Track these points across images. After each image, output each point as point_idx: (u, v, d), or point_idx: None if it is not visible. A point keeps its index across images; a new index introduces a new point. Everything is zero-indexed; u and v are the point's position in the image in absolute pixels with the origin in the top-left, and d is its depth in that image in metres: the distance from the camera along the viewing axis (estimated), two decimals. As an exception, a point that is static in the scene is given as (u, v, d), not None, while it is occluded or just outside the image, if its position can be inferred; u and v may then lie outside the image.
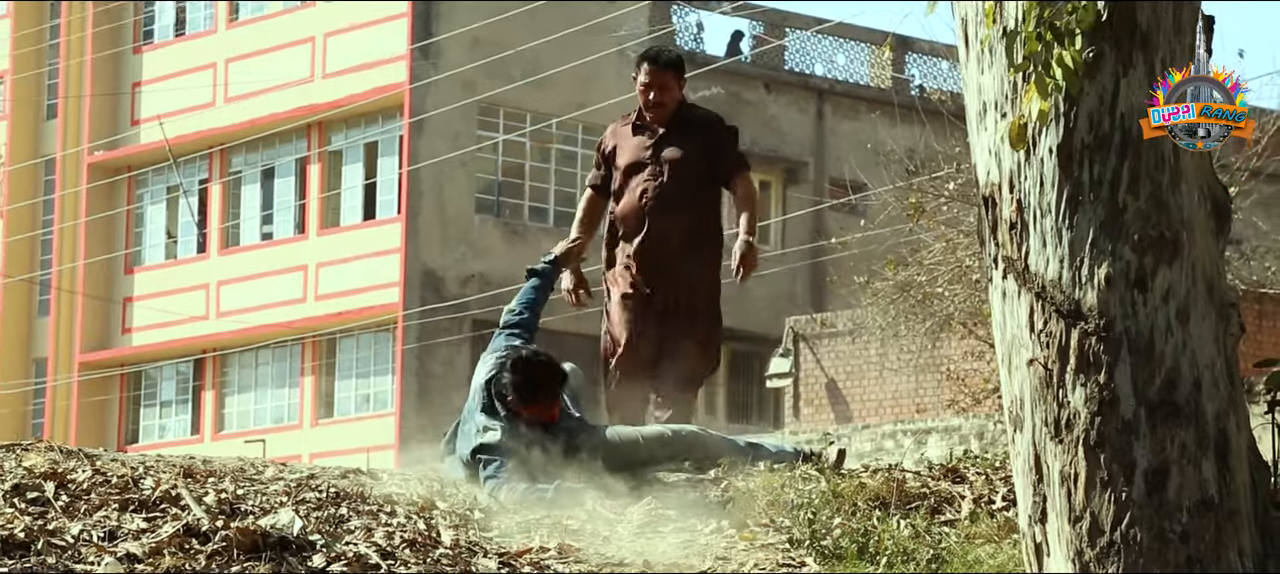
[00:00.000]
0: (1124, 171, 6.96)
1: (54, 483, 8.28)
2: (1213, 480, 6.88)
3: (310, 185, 42.03)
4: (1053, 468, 6.92)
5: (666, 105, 10.88)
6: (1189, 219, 7.01)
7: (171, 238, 44.05)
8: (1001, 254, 7.06)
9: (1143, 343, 6.87)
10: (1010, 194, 7.06)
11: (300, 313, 41.38)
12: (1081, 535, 6.90)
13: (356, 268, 40.60)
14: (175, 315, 42.74)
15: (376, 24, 40.80)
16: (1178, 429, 6.86)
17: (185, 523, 7.93)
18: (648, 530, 8.49)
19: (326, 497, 8.50)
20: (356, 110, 41.03)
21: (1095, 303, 6.88)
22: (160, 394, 43.95)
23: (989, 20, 7.05)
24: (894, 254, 28.67)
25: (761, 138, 42.75)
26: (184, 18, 44.16)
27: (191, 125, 42.47)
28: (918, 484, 8.89)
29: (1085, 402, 6.87)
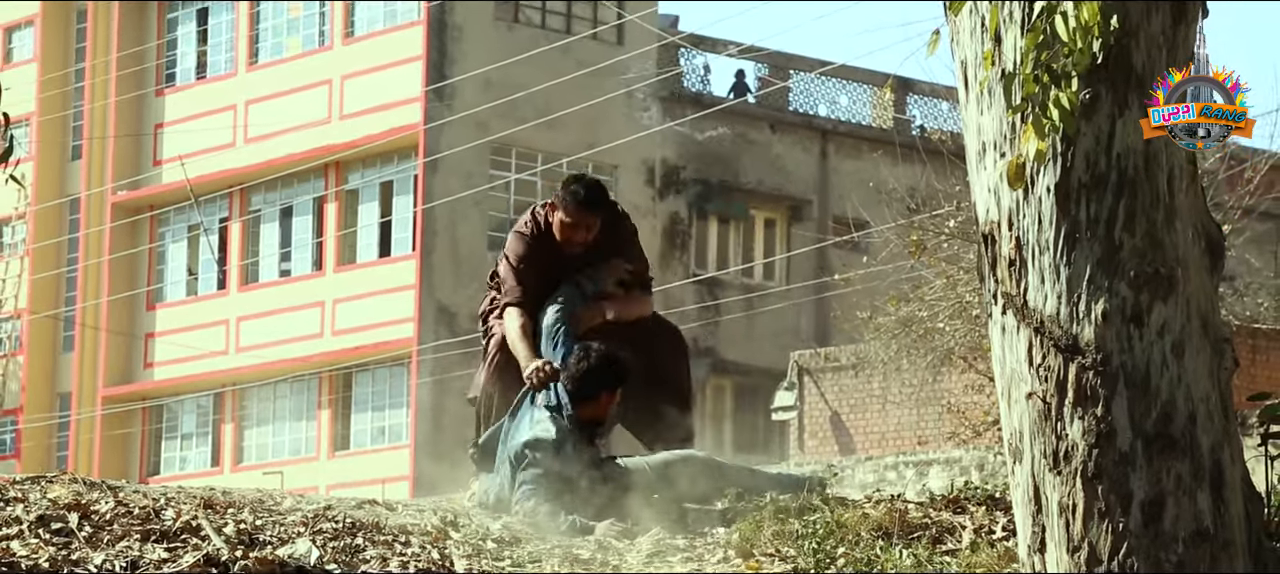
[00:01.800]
0: (1120, 210, 6.95)
1: (78, 514, 8.27)
2: (1208, 512, 6.87)
3: (327, 223, 42.07)
4: (1051, 499, 6.92)
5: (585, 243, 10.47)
6: (1184, 256, 7.00)
7: (192, 275, 44.08)
8: (1001, 290, 7.06)
9: (1139, 377, 6.87)
10: (1009, 232, 7.06)
11: (317, 348, 41.39)
12: (1080, 565, 6.89)
13: (372, 304, 40.62)
14: (196, 350, 42.75)
15: (392, 66, 40.87)
16: (1173, 461, 6.85)
17: (206, 553, 7.93)
18: (656, 560, 8.48)
19: (343, 527, 8.49)
20: (372, 150, 41.07)
21: (1093, 338, 6.88)
22: (181, 427, 43.96)
23: (987, 63, 7.06)
24: (896, 290, 28.68)
25: (767, 177, 42.81)
26: (205, 61, 44.23)
27: (212, 165, 42.54)
28: (920, 515, 8.88)
29: (1083, 434, 6.86)
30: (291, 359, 41.45)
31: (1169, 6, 7.09)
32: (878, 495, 9.41)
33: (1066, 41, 6.76)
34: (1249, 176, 28.70)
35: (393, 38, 41.20)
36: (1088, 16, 6.73)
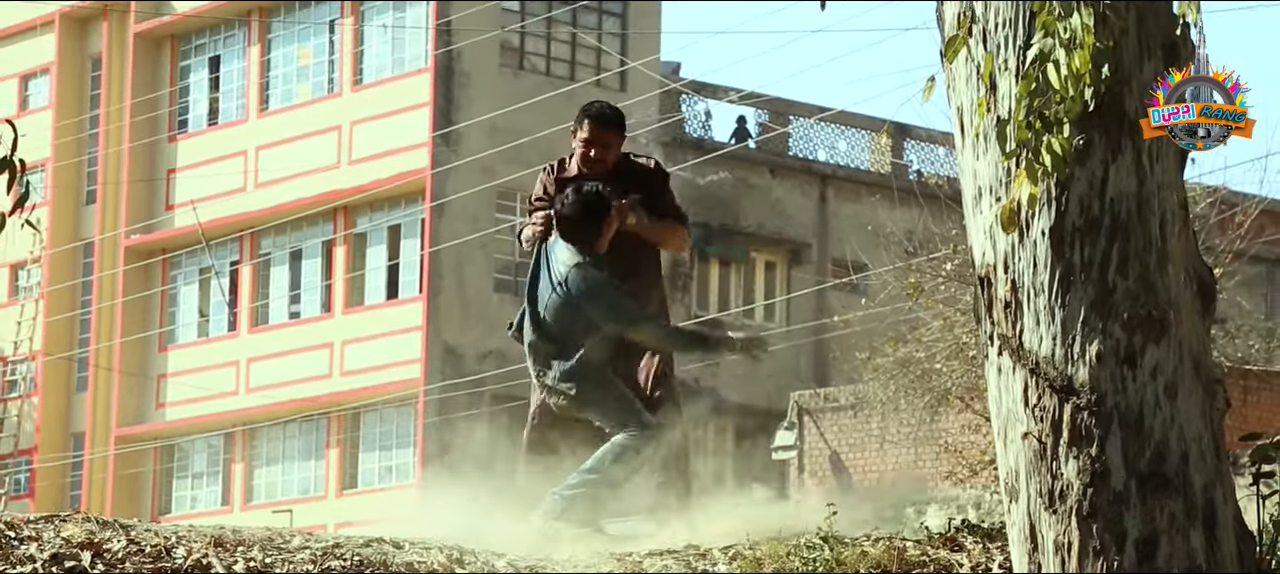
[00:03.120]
0: (1113, 253, 6.96)
1: (91, 552, 8.27)
2: (1201, 550, 6.86)
3: (336, 266, 42.10)
4: (1047, 537, 6.91)
5: (605, 162, 10.83)
6: (1176, 299, 7.00)
7: (204, 317, 44.11)
8: (997, 332, 7.06)
9: (1133, 417, 6.87)
10: (1005, 274, 7.06)
11: (326, 388, 41.40)
12: (1075, 602, 6.88)
13: (380, 345, 40.63)
14: (207, 391, 42.76)
15: (400, 113, 40.94)
16: (1167, 500, 6.85)
17: (215, 590, 7.92)
18: (658, 597, 8.47)
19: (350, 565, 8.49)
20: (380, 195, 41.11)
21: (1087, 379, 6.88)
22: (192, 466, 43.94)
23: (982, 109, 7.06)
24: (894, 331, 28.69)
25: (767, 221, 42.83)
26: (217, 107, 44.31)
27: (223, 210, 42.58)
28: (917, 552, 8.87)
29: (1078, 473, 6.86)
30: (301, 399, 41.43)
31: (1161, 54, 7.10)
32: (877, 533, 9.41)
33: (1059, 88, 6.76)
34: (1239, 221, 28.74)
35: (401, 85, 41.27)
36: (1080, 64, 6.74)
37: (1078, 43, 6.73)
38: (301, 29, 43.01)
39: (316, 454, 41.96)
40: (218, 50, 44.34)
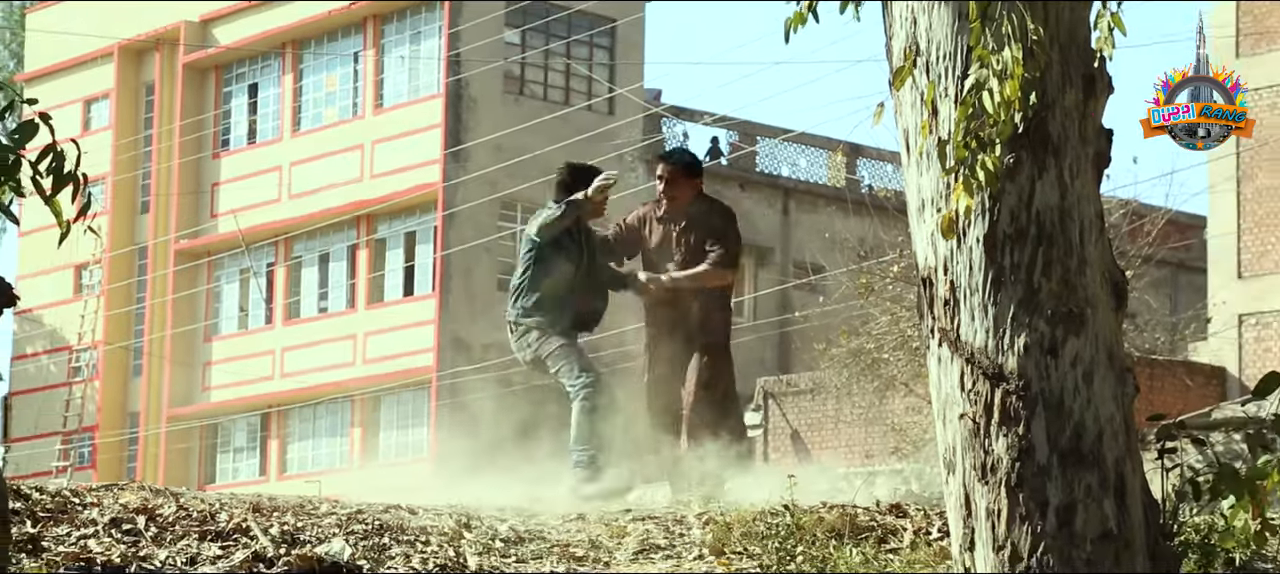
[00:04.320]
0: (1039, 258, 6.96)
1: (145, 517, 8.26)
2: (1112, 516, 6.87)
3: (359, 268, 42.06)
4: (980, 505, 6.91)
5: (678, 200, 10.94)
6: (1093, 297, 7.01)
7: (243, 312, 44.06)
8: (937, 326, 7.06)
9: (1055, 401, 6.87)
10: (944, 276, 7.06)
11: (350, 374, 41.37)
12: (1004, 562, 6.88)
13: (397, 336, 40.61)
14: (246, 376, 42.72)
15: (415, 133, 40.91)
16: (1084, 473, 6.85)
17: (254, 551, 7.91)
18: (641, 558, 8.46)
19: (372, 528, 8.48)
20: (398, 205, 41.09)
21: (1015, 367, 6.88)
22: (233, 442, 43.89)
23: (924, 131, 7.07)
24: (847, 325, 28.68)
25: (736, 228, 42.76)
26: (255, 128, 44.27)
27: (261, 218, 42.54)
28: (867, 518, 8.87)
29: (1007, 450, 6.86)
30: (328, 384, 41.40)
31: (1080, 84, 7.10)
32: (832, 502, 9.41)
33: (992, 113, 6.77)
34: (1148, 230, 28.75)
35: (416, 108, 41.24)
36: (1010, 92, 6.74)
37: (1008, 73, 6.73)
38: (329, 60, 42.95)
39: (342, 432, 41.91)
40: (256, 78, 44.28)
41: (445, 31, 40.74)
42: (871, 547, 8.38)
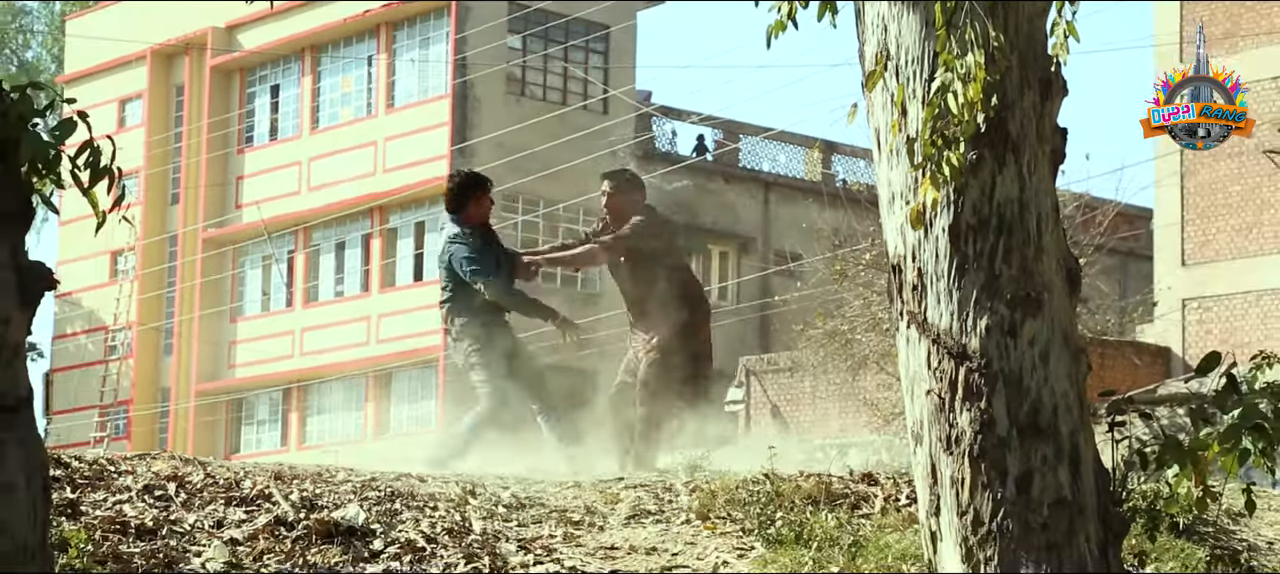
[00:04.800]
0: (999, 246, 6.96)
1: (175, 484, 8.26)
2: (1066, 484, 6.88)
3: (373, 255, 42.04)
4: (945, 474, 6.92)
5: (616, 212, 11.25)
6: (1049, 283, 7.02)
7: (266, 295, 44.03)
8: (906, 309, 7.07)
9: (1014, 378, 6.88)
10: (913, 263, 7.07)
11: (364, 353, 41.37)
12: (966, 526, 6.89)
13: (408, 318, 40.58)
14: (268, 355, 42.69)
15: (424, 131, 40.89)
16: (1040, 444, 6.86)
17: (276, 515, 7.92)
18: (633, 522, 8.47)
19: (384, 495, 8.49)
20: (409, 197, 41.05)
21: (978, 347, 6.89)
22: (257, 415, 43.88)
23: (894, 130, 7.07)
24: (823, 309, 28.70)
25: (721, 219, 42.79)
26: (277, 126, 44.22)
27: (282, 209, 42.52)
28: (841, 486, 8.88)
29: (970, 423, 6.87)
30: (344, 362, 41.41)
31: (1038, 86, 7.11)
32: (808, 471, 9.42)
33: (956, 114, 6.77)
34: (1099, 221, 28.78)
35: (425, 108, 41.21)
36: (973, 94, 6.75)
37: (971, 77, 6.73)
38: (345, 63, 42.92)
39: (356, 406, 41.90)
40: (277, 80, 44.24)
41: (452, 36, 40.72)
42: (845, 512, 8.39)
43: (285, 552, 7.55)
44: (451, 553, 7.77)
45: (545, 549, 8.01)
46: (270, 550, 7.53)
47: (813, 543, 7.88)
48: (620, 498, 8.82)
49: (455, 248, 10.81)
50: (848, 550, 7.74)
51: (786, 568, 7.67)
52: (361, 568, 7.55)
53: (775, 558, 7.79)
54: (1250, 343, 26.61)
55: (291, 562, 7.50)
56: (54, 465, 8.01)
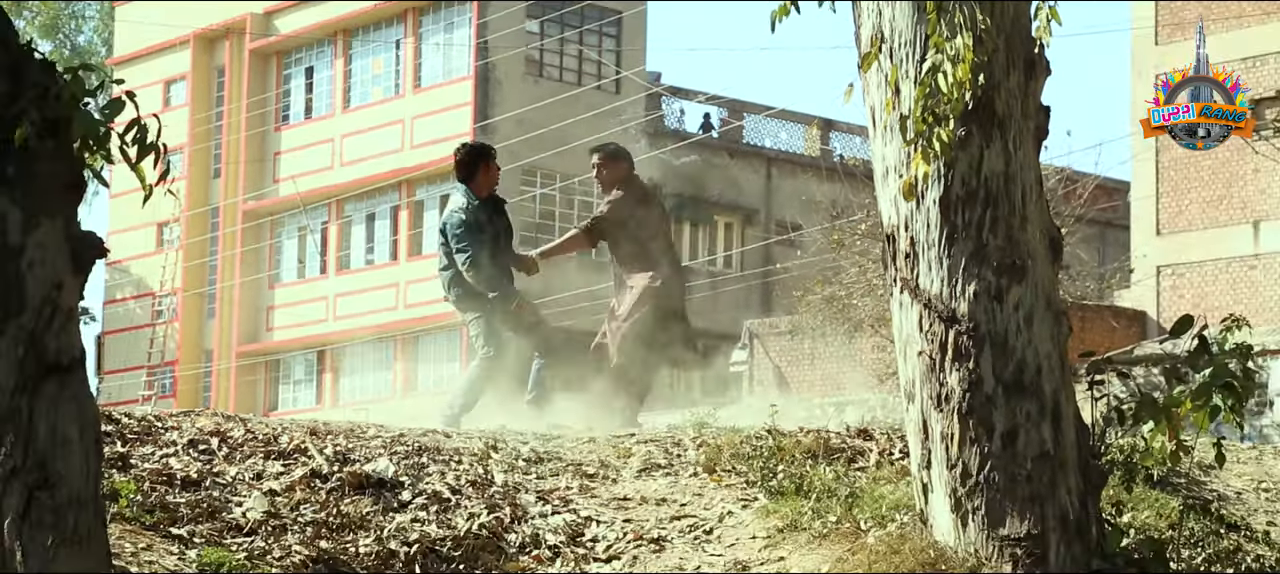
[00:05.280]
0: (986, 217, 6.96)
1: (217, 438, 8.28)
2: (1049, 439, 6.88)
3: (401, 225, 42.06)
4: (935, 430, 6.93)
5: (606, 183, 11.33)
6: (1033, 251, 7.01)
7: (301, 263, 44.06)
8: (899, 276, 7.06)
9: (1000, 340, 6.88)
10: (905, 233, 7.06)
11: (393, 317, 41.41)
12: (956, 478, 6.90)
13: (433, 285, 40.28)
14: (304, 319, 42.74)
15: (449, 110, 40.86)
16: (1024, 402, 6.86)
17: (311, 468, 7.93)
18: (644, 474, 8.48)
19: (412, 449, 8.50)
20: (434, 171, 41.02)
21: (966, 311, 6.89)
22: (293, 375, 43.95)
23: (888, 108, 7.06)
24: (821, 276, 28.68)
25: (726, 192, 42.76)
26: (311, 105, 44.20)
27: (316, 183, 42.53)
28: (839, 441, 8.88)
29: (959, 382, 6.87)
30: (374, 325, 41.47)
31: (1022, 67, 7.09)
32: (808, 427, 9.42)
33: (946, 92, 6.76)
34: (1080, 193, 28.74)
35: (449, 88, 41.19)
36: (962, 74, 6.74)
37: (960, 58, 6.72)
38: (375, 46, 42.89)
39: (386, 366, 41.96)
40: (312, 62, 44.21)
41: (474, 22, 40.68)
42: (842, 465, 8.40)
43: (320, 502, 7.56)
44: (475, 503, 7.79)
45: (562, 500, 8.02)
46: (306, 501, 7.55)
47: (812, 494, 7.89)
48: (632, 453, 8.83)
49: (452, 218, 10.86)
50: (844, 501, 7.75)
51: (787, 517, 7.68)
52: (391, 517, 7.57)
53: (777, 508, 7.80)
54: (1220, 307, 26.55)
55: (326, 511, 7.52)
56: (105, 421, 8.03)
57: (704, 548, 7.60)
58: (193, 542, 7.00)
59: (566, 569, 7.38)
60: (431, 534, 7.43)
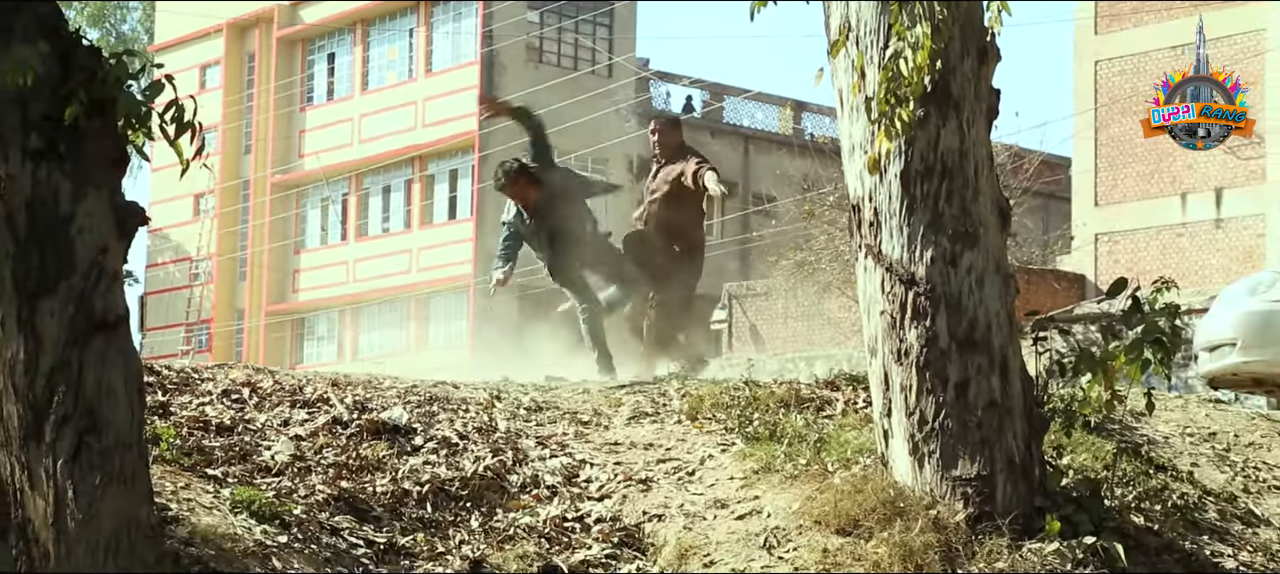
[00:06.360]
0: (942, 189, 6.96)
1: (248, 388, 8.27)
2: (997, 389, 6.90)
3: (414, 197, 42.00)
4: (895, 381, 6.94)
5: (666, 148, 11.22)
6: (984, 220, 7.01)
7: (324, 231, 44.00)
8: (864, 242, 7.07)
9: (954, 300, 6.88)
10: (870, 203, 7.06)
11: (407, 280, 41.39)
12: (914, 424, 6.91)
13: (443, 250, 40.58)
14: (326, 282, 42.72)
15: (457, 92, 40.76)
16: (976, 356, 6.87)
17: (333, 415, 7.93)
18: (633, 422, 8.49)
19: (424, 399, 8.50)
20: (444, 148, 40.98)
21: (924, 274, 6.89)
22: (316, 332, 43.93)
23: (855, 91, 7.06)
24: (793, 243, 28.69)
25: (707, 167, 42.66)
26: (333, 88, 44.10)
27: (337, 158, 42.46)
28: (809, 392, 8.89)
29: (917, 338, 6.87)
30: (390, 287, 41.44)
31: (975, 54, 7.08)
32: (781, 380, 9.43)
33: (907, 77, 6.75)
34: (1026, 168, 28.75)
35: (458, 72, 41.09)
36: (921, 60, 6.73)
37: (919, 46, 6.71)
38: (390, 34, 42.78)
39: (401, 325, 41.94)
40: (333, 49, 44.08)
41: (480, 11, 40.59)
42: (812, 413, 8.41)
43: (340, 446, 7.57)
44: (480, 447, 7.80)
45: (559, 444, 8.03)
46: (328, 445, 7.56)
47: (784, 439, 7.91)
48: (622, 402, 8.84)
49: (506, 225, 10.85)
50: (813, 445, 7.76)
51: (762, 460, 7.69)
52: (405, 460, 7.58)
53: (753, 452, 7.81)
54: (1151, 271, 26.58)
55: (346, 454, 7.52)
56: (147, 373, 8.02)
57: (687, 487, 7.61)
58: (226, 482, 7.01)
59: (563, 507, 7.39)
60: (441, 475, 7.44)
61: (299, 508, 6.86)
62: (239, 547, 6.27)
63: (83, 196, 5.71)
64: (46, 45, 5.64)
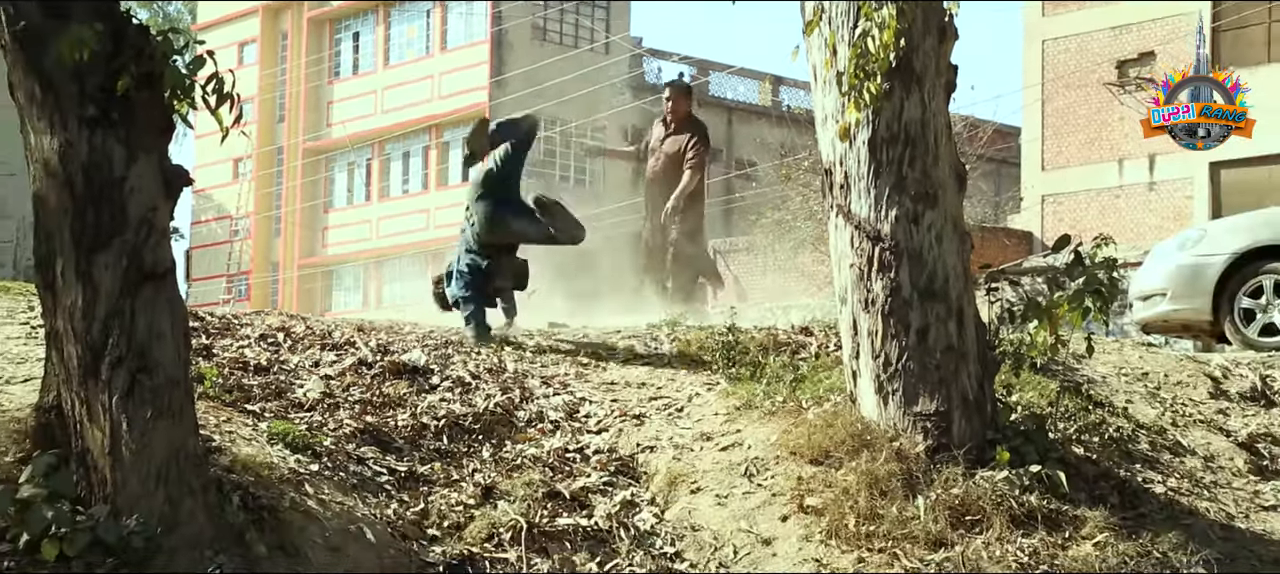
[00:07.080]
0: (906, 155, 6.95)
1: (283, 333, 8.28)
2: (954, 334, 6.91)
3: (431, 162, 41.94)
4: (863, 327, 6.95)
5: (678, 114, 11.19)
6: (944, 183, 7.01)
7: (350, 192, 43.95)
8: (835, 203, 7.06)
9: (916, 255, 6.88)
10: (840, 168, 7.05)
11: (425, 236, 41.36)
12: (879, 366, 6.93)
13: (457, 210, 40.45)
14: (353, 238, 42.68)
15: (470, 67, 40.65)
16: (935, 304, 6.88)
17: (358, 357, 7.94)
18: (628, 363, 8.50)
19: (440, 343, 8.51)
20: (458, 118, 40.86)
21: (889, 231, 6.89)
22: (344, 283, 43.92)
23: (827, 66, 7.04)
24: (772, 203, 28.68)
25: (695, 135, 42.62)
26: (358, 63, 43.94)
27: (362, 127, 42.37)
28: (785, 337, 8.91)
29: (882, 288, 6.88)
30: (409, 243, 41.43)
31: (936, 33, 7.06)
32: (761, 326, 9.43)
33: (874, 54, 6.73)
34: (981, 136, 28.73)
35: (471, 49, 40.96)
36: (887, 38, 6.71)
37: (886, 25, 6.69)
38: (409, 15, 42.61)
39: (421, 276, 41.91)
40: (358, 28, 43.91)
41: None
42: (788, 356, 8.43)
43: (366, 385, 7.58)
44: (490, 386, 7.81)
45: (561, 383, 8.05)
46: (354, 384, 7.57)
47: (763, 379, 7.93)
48: (618, 346, 8.86)
49: None
50: (790, 385, 7.78)
51: (743, 397, 7.71)
52: (423, 397, 7.59)
53: (735, 390, 7.83)
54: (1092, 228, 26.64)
55: (370, 392, 7.54)
56: (192, 319, 8.02)
57: (676, 422, 7.63)
58: (263, 416, 7.02)
59: (565, 439, 7.41)
60: (456, 411, 7.45)
61: (329, 440, 6.88)
62: (275, 474, 6.28)
63: (134, 160, 5.71)
64: (100, 25, 5.63)
